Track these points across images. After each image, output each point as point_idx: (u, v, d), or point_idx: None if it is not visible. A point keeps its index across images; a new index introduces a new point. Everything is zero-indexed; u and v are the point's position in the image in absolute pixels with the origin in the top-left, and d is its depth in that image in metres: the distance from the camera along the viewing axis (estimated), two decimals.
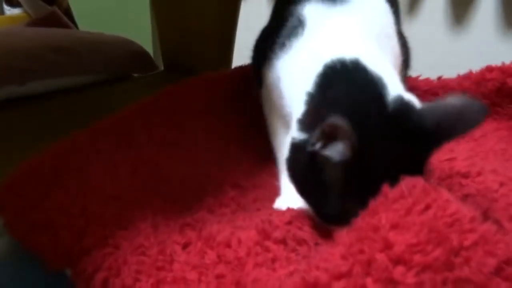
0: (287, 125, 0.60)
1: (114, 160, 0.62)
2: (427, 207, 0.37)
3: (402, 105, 0.47)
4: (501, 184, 0.56)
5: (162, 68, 1.28)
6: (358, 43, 0.53)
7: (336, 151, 0.44)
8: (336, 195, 0.47)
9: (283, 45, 0.58)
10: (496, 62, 1.32)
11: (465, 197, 0.55)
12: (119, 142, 0.67)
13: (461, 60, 1.33)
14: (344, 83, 0.49)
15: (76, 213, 0.52)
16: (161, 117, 0.75)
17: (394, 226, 0.36)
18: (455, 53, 1.41)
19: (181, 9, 1.15)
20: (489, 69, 0.79)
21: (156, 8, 1.23)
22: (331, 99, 0.49)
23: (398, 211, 0.37)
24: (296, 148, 0.50)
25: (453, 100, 0.45)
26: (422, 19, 1.45)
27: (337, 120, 0.42)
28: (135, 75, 1.25)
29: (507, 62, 1.22)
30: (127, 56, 1.24)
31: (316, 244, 0.49)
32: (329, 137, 0.44)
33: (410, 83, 0.81)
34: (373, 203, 0.40)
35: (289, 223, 0.50)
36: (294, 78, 0.53)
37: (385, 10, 0.61)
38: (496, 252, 0.35)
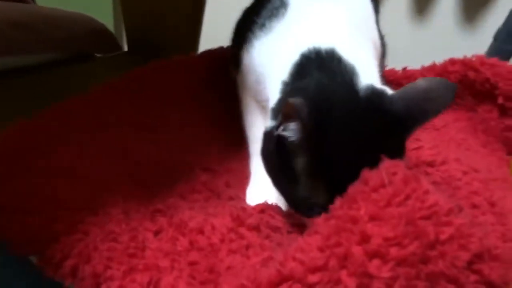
0: (262, 110, 0.60)
1: (82, 141, 0.60)
2: (407, 198, 0.38)
3: (373, 92, 0.47)
4: (464, 173, 0.59)
5: (125, 48, 1.24)
6: (337, 32, 0.53)
7: (291, 130, 0.45)
8: (303, 180, 0.47)
9: (263, 26, 0.57)
10: (455, 52, 1.37)
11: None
12: (87, 123, 0.65)
13: (423, 51, 1.37)
14: (317, 72, 0.49)
15: (45, 197, 0.50)
16: (130, 99, 0.73)
17: (373, 218, 0.37)
18: (417, 45, 1.44)
19: None
20: (452, 61, 0.82)
21: None
22: (302, 88, 0.49)
23: (378, 202, 0.38)
24: (268, 135, 0.51)
25: (421, 82, 0.45)
26: (385, 11, 1.48)
27: (293, 100, 0.43)
28: (98, 55, 1.20)
29: (466, 52, 1.27)
30: (90, 34, 1.19)
31: (289, 232, 0.50)
32: (287, 118, 0.44)
33: None
34: (352, 190, 0.41)
35: (262, 211, 0.51)
36: (272, 64, 0.53)
37: (367, 3, 0.62)
38: (470, 246, 0.36)
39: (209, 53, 0.90)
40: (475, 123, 0.79)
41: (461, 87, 0.81)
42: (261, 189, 0.61)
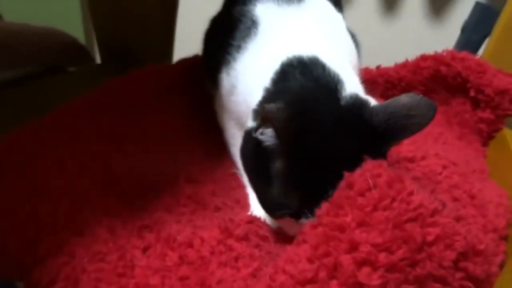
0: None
1: (61, 158, 0.59)
2: (392, 201, 0.38)
3: (356, 101, 0.47)
4: (444, 167, 0.60)
5: (98, 60, 1.22)
6: (316, 42, 0.54)
7: (266, 135, 0.45)
8: (277, 183, 0.47)
9: (239, 48, 0.57)
10: (425, 46, 1.39)
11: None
12: (65, 139, 0.63)
13: (394, 46, 1.39)
14: (300, 76, 0.49)
15: (25, 217, 0.49)
16: (107, 111, 0.71)
17: (360, 224, 0.37)
18: (387, 40, 1.46)
19: None
20: (424, 57, 0.83)
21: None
22: (285, 89, 0.49)
23: (364, 207, 0.38)
24: (247, 135, 0.51)
25: (404, 98, 0.45)
26: (354, 8, 1.50)
27: (270, 106, 0.43)
28: (71, 68, 1.19)
29: (435, 45, 1.30)
30: (60, 48, 1.17)
31: (277, 241, 0.51)
32: (263, 123, 0.45)
33: None
34: (337, 195, 0.41)
35: (250, 222, 0.51)
36: (253, 80, 0.53)
37: (333, 9, 0.62)
38: (455, 245, 0.37)
39: (185, 61, 0.89)
40: (450, 116, 0.81)
41: (434, 82, 0.83)
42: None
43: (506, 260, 0.51)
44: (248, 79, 0.55)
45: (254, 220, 0.52)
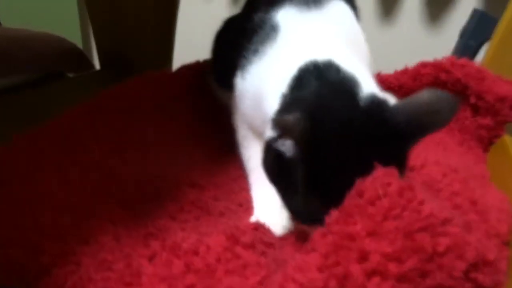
0: (259, 137, 0.60)
1: (63, 166, 0.59)
2: (403, 210, 0.38)
3: (375, 102, 0.47)
4: (444, 175, 0.61)
5: (97, 66, 1.23)
6: (330, 46, 0.54)
7: (286, 146, 0.45)
8: (301, 191, 0.47)
9: (256, 51, 0.57)
10: (423, 51, 1.40)
11: None
12: (66, 147, 0.63)
13: (392, 52, 1.40)
14: (316, 82, 0.49)
15: (29, 227, 0.49)
16: (108, 118, 0.72)
17: (370, 233, 0.37)
18: (385, 46, 1.47)
19: (116, 2, 1.10)
20: (423, 64, 0.84)
21: (89, 3, 1.17)
22: (301, 97, 0.49)
23: (374, 216, 0.38)
24: (267, 146, 0.50)
25: (425, 94, 0.45)
26: None
27: (288, 117, 0.43)
28: (70, 75, 1.19)
29: (433, 50, 1.30)
30: (59, 54, 1.17)
31: (282, 247, 0.51)
32: (283, 133, 0.44)
33: None
34: (348, 203, 0.41)
35: (256, 228, 0.51)
36: (269, 85, 0.53)
37: (352, 16, 0.63)
38: (466, 255, 0.37)
39: (186, 68, 0.89)
40: (451, 122, 0.81)
41: (434, 88, 0.83)
42: (263, 215, 0.60)
43: (509, 266, 0.51)
44: (264, 84, 0.55)
45: (259, 226, 0.53)
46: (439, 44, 1.40)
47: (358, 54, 0.57)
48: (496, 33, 0.84)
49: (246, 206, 0.63)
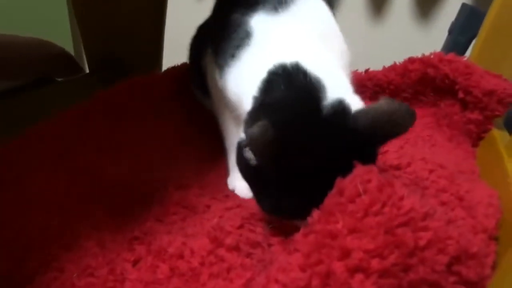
0: (236, 117, 0.62)
1: (49, 170, 0.59)
2: (383, 206, 0.38)
3: (338, 108, 0.48)
4: (430, 172, 0.60)
5: (87, 70, 1.22)
6: (299, 47, 0.54)
7: (250, 155, 0.47)
8: (269, 192, 0.48)
9: (232, 56, 0.58)
10: (413, 47, 1.40)
11: None
12: (53, 151, 0.64)
13: (381, 48, 1.40)
14: (283, 86, 0.50)
15: (14, 234, 0.49)
16: (96, 122, 0.72)
17: (352, 230, 0.37)
18: (375, 42, 1.47)
19: (104, 6, 1.10)
20: (411, 60, 0.84)
21: (77, 7, 1.16)
22: (268, 102, 0.51)
23: (355, 213, 0.38)
24: (238, 147, 0.52)
25: (385, 104, 0.46)
26: (342, 11, 1.51)
27: (251, 129, 0.44)
28: (59, 79, 1.18)
29: (423, 46, 1.30)
30: (48, 58, 1.17)
31: (270, 245, 0.50)
32: (247, 143, 0.46)
33: None
34: (328, 202, 0.41)
35: (241, 226, 0.51)
36: (245, 87, 0.54)
37: (326, 11, 0.62)
38: (448, 249, 0.37)
39: (173, 70, 0.89)
40: (439, 118, 0.81)
41: (422, 84, 0.83)
42: (238, 176, 0.62)
43: (497, 260, 0.51)
44: (240, 87, 0.57)
45: (244, 223, 0.52)
46: (429, 39, 1.40)
47: (332, 50, 0.58)
48: (483, 27, 0.84)
49: (233, 196, 0.63)
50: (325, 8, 0.63)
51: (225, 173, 0.68)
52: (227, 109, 0.65)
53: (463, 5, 1.20)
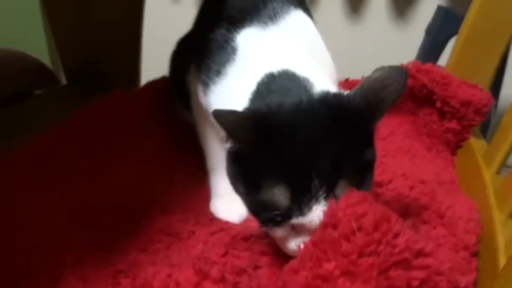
0: (218, 134, 0.62)
1: (28, 198, 0.58)
2: (378, 245, 0.38)
3: (329, 94, 0.47)
4: (411, 188, 0.61)
5: (64, 82, 1.20)
6: (287, 57, 0.54)
7: (229, 143, 0.46)
8: (263, 186, 0.46)
9: (218, 72, 0.57)
10: (391, 49, 1.41)
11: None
12: (31, 176, 0.62)
13: (358, 50, 1.41)
14: (271, 89, 0.50)
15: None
16: (76, 143, 0.70)
17: (344, 273, 0.37)
18: (352, 43, 1.48)
19: (78, 16, 1.08)
20: None
21: (51, 18, 1.14)
22: (256, 104, 0.50)
23: (349, 254, 0.38)
24: (227, 154, 0.50)
25: (375, 73, 0.45)
26: (319, 11, 1.51)
27: (232, 116, 0.44)
28: (37, 91, 1.16)
29: (400, 48, 1.31)
30: (25, 71, 1.14)
31: (256, 267, 0.50)
32: (228, 133, 0.45)
33: None
34: (321, 237, 0.40)
35: (225, 254, 0.51)
36: (233, 102, 0.52)
37: (312, 25, 0.62)
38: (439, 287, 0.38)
39: (153, 84, 0.88)
40: (419, 126, 0.83)
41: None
42: (223, 200, 0.65)
43: (478, 277, 0.52)
44: (227, 104, 0.54)
45: (229, 250, 0.52)
46: (406, 40, 1.41)
47: (319, 63, 0.57)
48: (459, 37, 0.85)
49: (217, 220, 0.63)
50: (313, 26, 0.62)
51: (209, 194, 0.67)
52: (211, 128, 0.64)
53: (439, 7, 1.22)
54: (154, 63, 1.11)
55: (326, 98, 0.47)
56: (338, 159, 0.44)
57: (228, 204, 0.64)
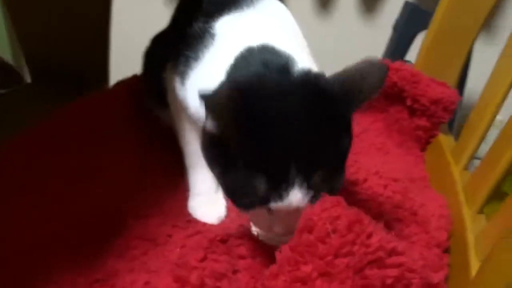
0: (197, 129, 0.60)
1: (8, 207, 0.56)
2: (352, 245, 0.39)
3: (309, 74, 0.47)
4: (385, 187, 0.63)
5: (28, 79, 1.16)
6: (266, 32, 0.53)
7: (208, 123, 0.45)
8: (239, 168, 0.45)
9: (196, 58, 0.56)
10: (358, 44, 1.42)
11: (357, 203, 0.60)
12: (3, 183, 0.60)
13: (326, 45, 1.42)
14: (250, 62, 0.49)
15: None
16: (45, 151, 0.67)
17: (322, 274, 0.38)
18: (320, 39, 1.49)
19: (41, 12, 1.04)
20: None
21: (13, 14, 1.10)
22: (235, 77, 0.49)
23: (325, 256, 0.39)
24: (202, 132, 0.50)
25: (356, 64, 0.46)
26: (288, 6, 1.51)
27: (203, 90, 0.43)
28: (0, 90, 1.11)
29: (368, 43, 1.32)
30: None
31: (235, 271, 0.51)
32: (209, 111, 0.44)
33: None
34: (298, 241, 0.41)
35: (204, 258, 0.51)
36: (211, 82, 0.50)
37: (287, 12, 0.62)
38: (412, 285, 0.39)
39: (123, 84, 0.86)
40: (390, 124, 0.84)
41: None
42: (202, 200, 0.64)
43: (450, 272, 0.54)
44: (205, 82, 0.53)
45: (208, 254, 0.52)
46: (374, 36, 1.44)
47: (294, 40, 0.57)
48: (427, 36, 0.87)
49: (194, 221, 0.62)
50: (288, 12, 0.62)
51: (184, 197, 0.67)
52: (189, 124, 0.63)
53: (406, 3, 1.24)
54: (124, 61, 1.09)
55: (308, 79, 0.46)
56: (315, 147, 0.44)
57: (207, 205, 0.64)
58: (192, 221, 0.62)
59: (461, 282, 0.50)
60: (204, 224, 0.60)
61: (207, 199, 0.65)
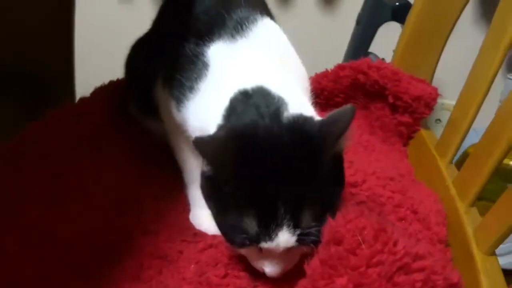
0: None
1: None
2: (381, 254, 0.41)
3: (299, 118, 0.50)
4: (384, 187, 0.65)
5: None
6: (262, 72, 0.55)
7: (204, 166, 0.48)
8: (233, 209, 0.48)
9: (191, 88, 0.58)
10: (321, 37, 1.44)
11: (358, 204, 0.62)
12: None
13: (290, 39, 1.43)
14: (245, 108, 0.51)
15: None
16: (31, 168, 0.64)
17: (357, 285, 0.39)
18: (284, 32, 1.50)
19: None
20: (341, 67, 0.88)
21: None
22: (229, 126, 0.51)
23: (358, 267, 0.40)
24: (201, 175, 0.52)
25: (337, 109, 0.50)
26: None
27: (199, 137, 0.46)
28: None
29: (331, 37, 1.33)
30: None
31: (255, 286, 0.51)
32: (201, 155, 0.47)
33: None
34: (328, 254, 0.43)
35: (226, 275, 0.51)
36: (207, 119, 0.54)
37: (282, 34, 0.63)
38: (437, 285, 0.41)
39: (102, 91, 0.82)
40: (372, 120, 0.87)
41: (353, 89, 0.88)
42: (206, 213, 0.62)
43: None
44: (201, 121, 0.56)
45: (229, 271, 0.53)
46: (337, 29, 1.46)
47: (292, 73, 0.59)
48: (403, 33, 0.90)
49: (201, 234, 0.62)
50: (281, 32, 0.63)
51: (186, 208, 0.66)
52: (186, 142, 0.63)
53: None
54: (94, 66, 1.05)
55: (296, 124, 0.49)
56: (301, 188, 0.46)
57: (209, 217, 0.63)
58: (198, 234, 0.62)
59: (469, 275, 0.53)
60: (213, 237, 0.60)
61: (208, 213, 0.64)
